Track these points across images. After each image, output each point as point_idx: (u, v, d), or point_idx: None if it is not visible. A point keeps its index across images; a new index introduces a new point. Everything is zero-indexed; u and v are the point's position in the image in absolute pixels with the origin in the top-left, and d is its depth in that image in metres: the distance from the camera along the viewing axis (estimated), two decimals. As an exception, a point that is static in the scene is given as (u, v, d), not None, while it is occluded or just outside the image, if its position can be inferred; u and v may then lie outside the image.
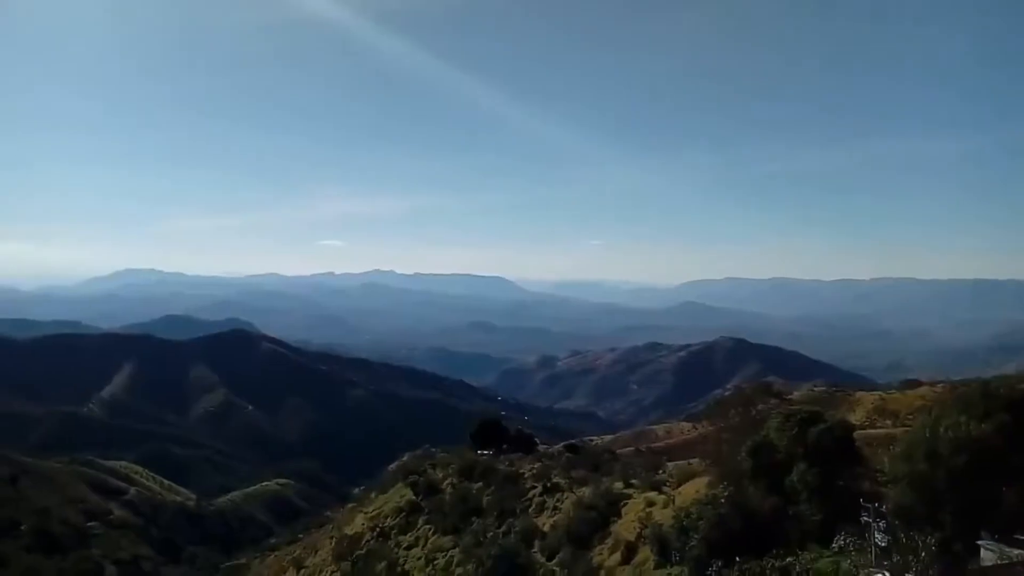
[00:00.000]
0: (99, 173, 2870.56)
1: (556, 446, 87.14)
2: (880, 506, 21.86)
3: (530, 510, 49.75)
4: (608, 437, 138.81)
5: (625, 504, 40.31)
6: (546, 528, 43.88)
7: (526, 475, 56.96)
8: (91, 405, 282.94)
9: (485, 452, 71.85)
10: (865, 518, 21.60)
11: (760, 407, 37.02)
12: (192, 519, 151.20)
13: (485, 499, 55.45)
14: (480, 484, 59.00)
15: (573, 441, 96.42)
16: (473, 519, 52.96)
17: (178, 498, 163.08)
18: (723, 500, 28.34)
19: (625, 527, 36.99)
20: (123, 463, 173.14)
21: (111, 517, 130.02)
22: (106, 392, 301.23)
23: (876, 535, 20.95)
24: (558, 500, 48.76)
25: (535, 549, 41.91)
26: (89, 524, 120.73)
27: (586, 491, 45.96)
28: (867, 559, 21.24)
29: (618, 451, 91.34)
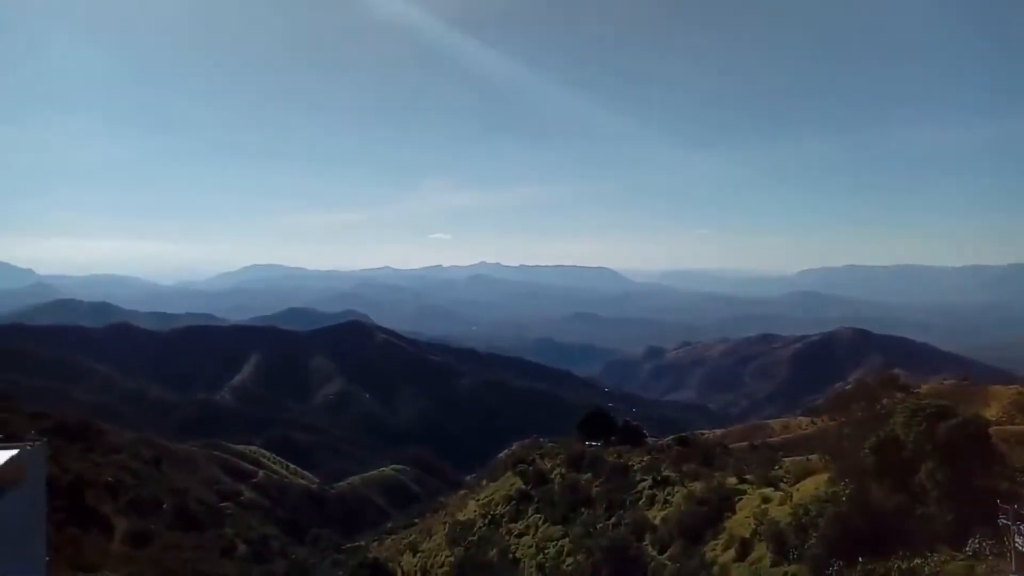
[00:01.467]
0: (228, 175, 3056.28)
1: (665, 439, 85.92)
2: (1020, 508, 20.52)
3: (640, 503, 49.49)
4: (720, 431, 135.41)
5: (739, 500, 39.49)
6: (656, 521, 43.57)
7: (635, 467, 56.62)
8: (223, 393, 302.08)
9: (593, 443, 71.88)
10: (1004, 520, 20.36)
11: (885, 401, 35.22)
12: (315, 501, 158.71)
13: (594, 490, 55.58)
14: (588, 475, 59.14)
15: (683, 434, 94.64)
16: (582, 510, 53.24)
17: (302, 481, 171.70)
18: (844, 498, 27.33)
19: (739, 523, 36.26)
20: (252, 447, 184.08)
21: (242, 498, 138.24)
22: (236, 380, 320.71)
23: (1016, 539, 19.73)
24: (668, 493, 48.25)
25: (645, 542, 41.74)
26: (222, 504, 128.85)
27: (698, 485, 45.28)
28: (1005, 564, 20.04)
29: (731, 445, 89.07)
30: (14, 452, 35.17)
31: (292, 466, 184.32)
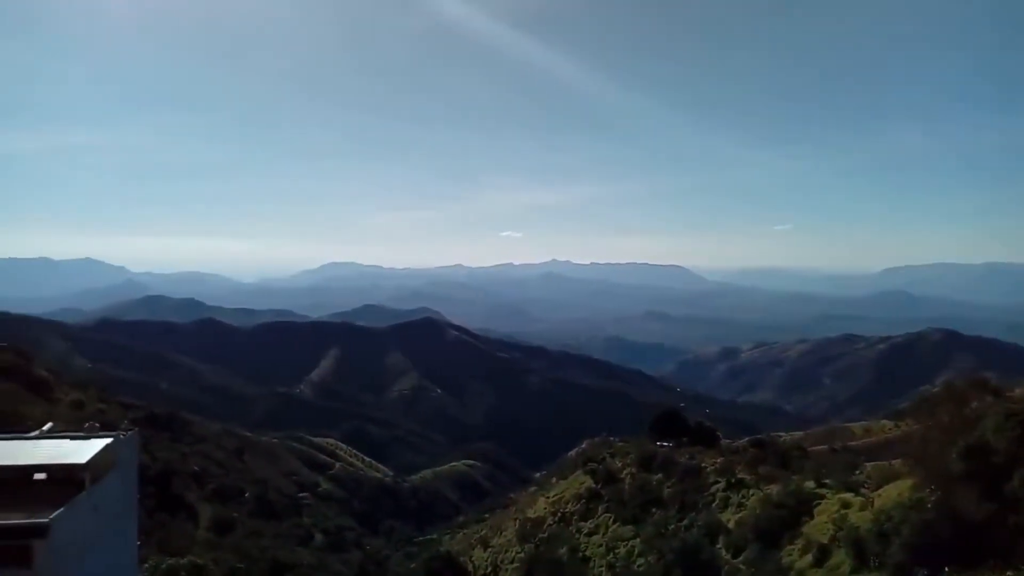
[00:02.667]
0: (308, 176, 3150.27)
1: (740, 441, 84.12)
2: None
3: (713, 505, 48.69)
4: (798, 433, 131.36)
5: (817, 504, 38.36)
6: (731, 524, 42.78)
7: (708, 469, 55.70)
8: (302, 387, 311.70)
9: (664, 443, 71.02)
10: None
11: (974, 405, 33.58)
12: (389, 494, 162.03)
13: (665, 491, 54.96)
14: (660, 475, 58.51)
15: (759, 436, 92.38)
16: (653, 510, 52.74)
17: (377, 474, 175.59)
18: (930, 505, 26.23)
19: (817, 528, 35.26)
20: (329, 440, 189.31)
21: (319, 489, 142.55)
22: (314, 375, 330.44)
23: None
24: (743, 496, 47.29)
25: (719, 545, 41.04)
26: (300, 495, 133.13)
27: (774, 489, 44.21)
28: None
29: (809, 448, 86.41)
30: (109, 440, 37.37)
31: (367, 459, 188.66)
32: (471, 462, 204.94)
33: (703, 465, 57.07)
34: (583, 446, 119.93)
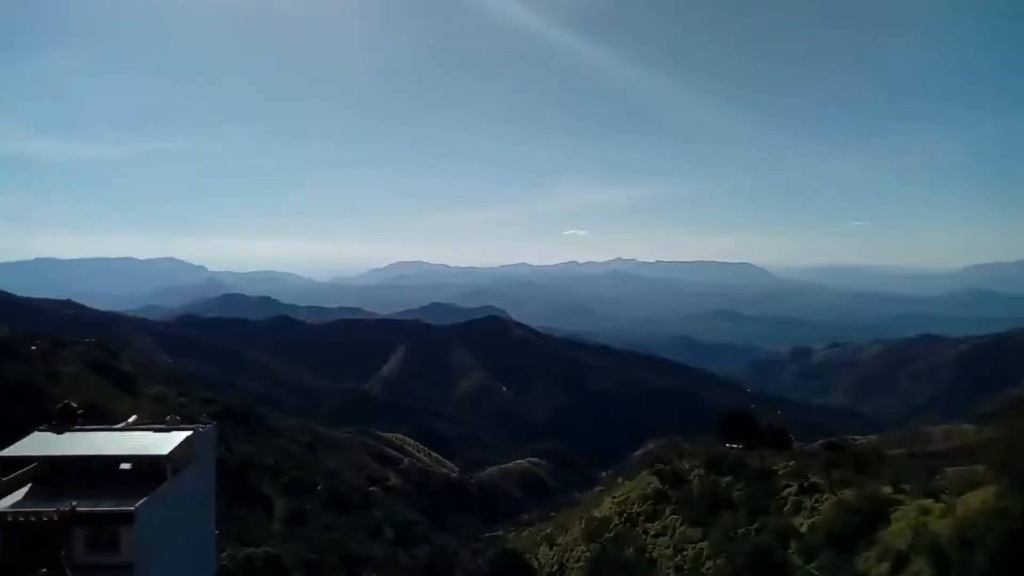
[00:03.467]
0: (376, 178, 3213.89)
1: (813, 444, 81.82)
2: None
3: (785, 509, 47.55)
4: (873, 437, 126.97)
5: (894, 510, 37.04)
6: (803, 529, 41.72)
7: (780, 472, 54.42)
8: (371, 383, 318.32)
9: (734, 445, 69.71)
10: None
11: (1067, 411, 31.84)
12: (455, 489, 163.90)
13: (735, 493, 53.99)
14: (729, 478, 57.51)
15: (832, 439, 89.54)
16: (722, 513, 51.86)
17: (443, 470, 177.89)
18: (1016, 513, 24.98)
19: (895, 535, 34.03)
20: (397, 435, 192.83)
21: (388, 483, 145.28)
22: (384, 371, 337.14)
23: None
24: (816, 501, 46.04)
25: (791, 550, 40.07)
26: (370, 488, 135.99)
27: (849, 493, 42.89)
28: None
29: (885, 453, 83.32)
30: (189, 433, 38.90)
31: (434, 454, 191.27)
32: (536, 460, 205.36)
33: (774, 468, 55.81)
34: (649, 447, 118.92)
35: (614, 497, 73.35)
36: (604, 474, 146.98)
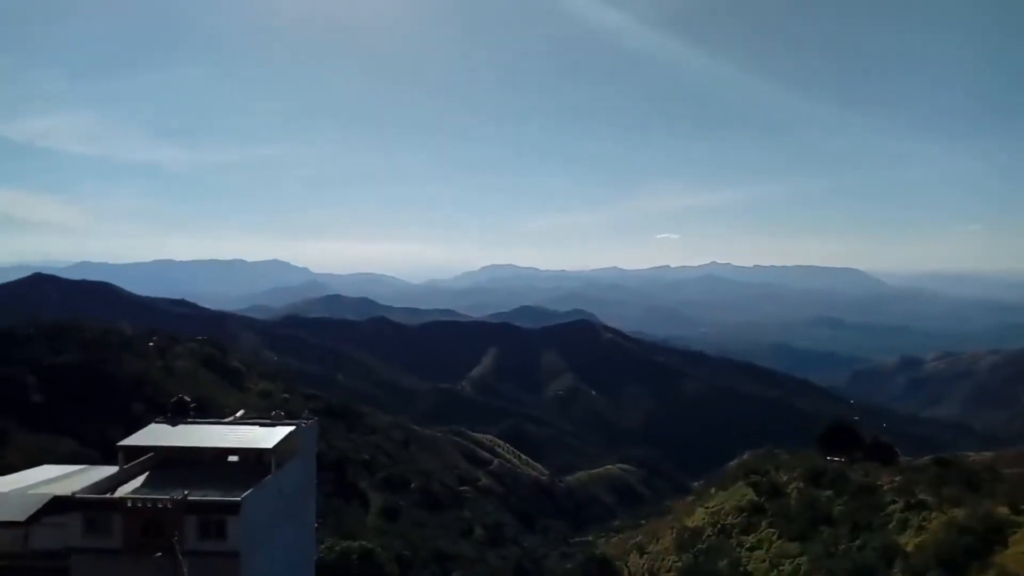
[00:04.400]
0: (468, 183, 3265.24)
1: (921, 459, 77.40)
2: None
3: (889, 526, 45.34)
4: (987, 454, 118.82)
5: (1013, 532, 34.69)
6: (909, 548, 39.65)
7: (884, 487, 51.95)
8: (463, 383, 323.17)
9: (835, 458, 66.96)
10: None
11: None
12: (545, 492, 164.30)
13: (836, 508, 51.93)
14: (830, 492, 55.38)
15: (943, 455, 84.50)
16: (822, 528, 50.01)
17: (533, 472, 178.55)
18: None
19: (1013, 558, 31.89)
20: (488, 436, 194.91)
21: (479, 484, 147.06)
22: (475, 372, 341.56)
23: None
24: (924, 519, 43.68)
25: (895, 569, 38.16)
26: (462, 488, 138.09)
27: (960, 512, 40.46)
28: None
29: (1002, 470, 77.94)
30: (292, 428, 40.75)
31: (524, 456, 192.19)
32: (626, 466, 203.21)
33: (879, 483, 53.34)
34: (744, 457, 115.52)
35: (707, 507, 71.76)
36: (696, 483, 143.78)
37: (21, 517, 35.07)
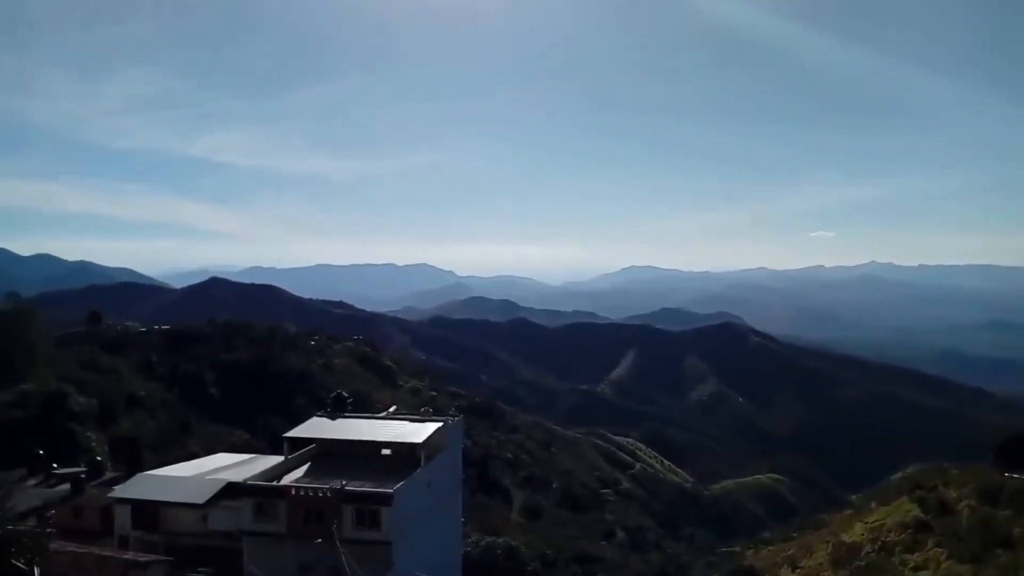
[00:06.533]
0: (608, 183, 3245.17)
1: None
2: None
3: (1082, 553, 40.66)
4: None
5: None
6: (1107, 580, 35.38)
7: (1076, 510, 46.61)
8: (602, 385, 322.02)
9: (1014, 475, 60.80)
10: None
11: None
12: (689, 500, 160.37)
13: (1015, 530, 47.17)
14: (1008, 512, 50.43)
15: None
16: (998, 551, 45.64)
17: (676, 478, 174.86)
18: None
19: None
20: (628, 439, 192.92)
21: (620, 487, 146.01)
22: (614, 374, 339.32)
23: None
24: None
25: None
26: (603, 490, 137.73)
27: None
28: None
29: None
30: (440, 424, 42.50)
31: (667, 462, 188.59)
32: (776, 476, 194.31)
33: (1068, 505, 47.91)
34: (908, 470, 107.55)
35: (866, 522, 67.41)
36: (854, 496, 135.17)
37: (201, 500, 39.00)
